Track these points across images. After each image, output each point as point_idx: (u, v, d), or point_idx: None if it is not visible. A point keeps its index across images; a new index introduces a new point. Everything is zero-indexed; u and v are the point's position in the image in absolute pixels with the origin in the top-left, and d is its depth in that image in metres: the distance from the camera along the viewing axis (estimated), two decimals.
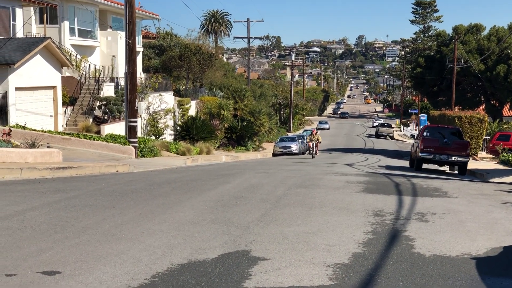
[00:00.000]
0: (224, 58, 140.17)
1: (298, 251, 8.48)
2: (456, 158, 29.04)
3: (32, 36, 37.95)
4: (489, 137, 50.14)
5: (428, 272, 7.59)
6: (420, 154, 29.44)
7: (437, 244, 9.14)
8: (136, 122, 29.23)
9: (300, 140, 56.35)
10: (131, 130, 28.89)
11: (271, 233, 9.55)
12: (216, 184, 16.64)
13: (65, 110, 37.28)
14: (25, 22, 35.93)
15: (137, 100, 41.41)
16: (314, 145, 44.71)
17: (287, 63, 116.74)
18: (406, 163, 36.09)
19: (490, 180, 24.76)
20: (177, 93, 55.45)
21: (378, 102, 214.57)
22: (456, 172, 30.88)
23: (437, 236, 9.75)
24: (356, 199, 13.90)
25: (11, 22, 35.11)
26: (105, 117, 38.76)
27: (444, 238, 9.57)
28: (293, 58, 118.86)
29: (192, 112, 53.41)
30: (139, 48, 52.93)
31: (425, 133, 31.02)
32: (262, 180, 18.30)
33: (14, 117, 30.74)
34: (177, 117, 50.42)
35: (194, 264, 7.73)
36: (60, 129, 35.05)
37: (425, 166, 31.30)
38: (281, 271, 7.45)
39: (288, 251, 8.45)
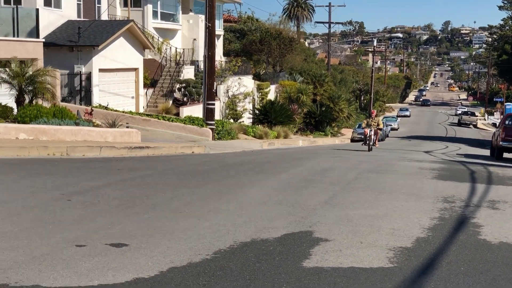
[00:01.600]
0: (306, 43, 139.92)
1: (362, 233, 8.51)
2: None
3: (116, 19, 38.87)
4: None
5: (491, 258, 7.50)
6: (501, 143, 28.70)
7: (505, 231, 8.99)
8: (213, 104, 29.60)
9: None
10: (208, 113, 29.28)
11: (336, 216, 9.60)
12: (288, 167, 16.76)
13: (146, 92, 38.07)
14: (109, 4, 36.78)
15: (216, 83, 41.95)
16: (372, 132, 29.09)
17: (369, 49, 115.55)
18: (487, 152, 35.27)
19: None
20: (256, 77, 55.74)
21: (463, 89, 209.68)
22: None
23: (507, 224, 9.58)
24: (427, 185, 13.76)
25: (96, 5, 36.00)
26: (185, 99, 39.37)
27: None
28: (375, 44, 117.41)
29: (271, 96, 53.60)
30: (220, 31, 53.45)
31: (507, 122, 30.21)
32: (335, 164, 18.32)
33: (97, 97, 31.61)
34: (256, 100, 50.73)
35: (257, 242, 7.87)
36: (141, 110, 35.84)
37: (506, 155, 30.52)
38: (341, 252, 7.51)
39: (351, 233, 8.49)
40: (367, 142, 28.85)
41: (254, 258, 7.14)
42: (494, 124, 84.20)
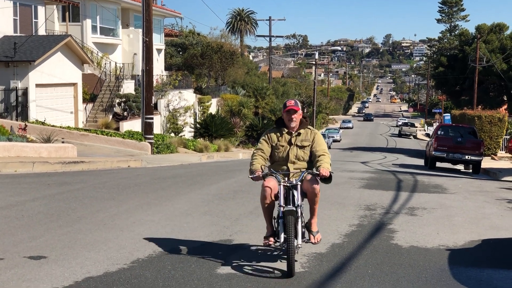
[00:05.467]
0: (251, 56, 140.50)
1: None
2: (469, 156, 29.07)
3: (54, 34, 38.61)
4: (509, 136, 49.91)
5: (399, 261, 7.86)
6: (433, 152, 29.52)
7: (418, 236, 9.39)
8: (152, 119, 29.66)
9: None
10: (147, 127, 29.33)
11: (259, 224, 9.85)
12: (220, 179, 16.99)
13: (85, 107, 37.84)
14: (46, 19, 36.54)
15: (156, 98, 42.03)
16: (297, 181, 7.84)
17: (313, 62, 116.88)
18: (422, 162, 36.16)
19: (502, 179, 24.79)
20: (198, 90, 55.89)
21: (404, 101, 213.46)
22: (471, 171, 30.91)
23: (420, 229, 9.99)
24: (353, 194, 14.15)
25: (33, 20, 35.71)
26: (125, 114, 39.27)
27: (427, 231, 9.81)
28: (317, 56, 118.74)
29: (213, 109, 53.81)
30: (161, 46, 53.48)
31: (439, 132, 31.10)
32: None
33: (34, 113, 31.33)
34: (197, 114, 50.87)
35: (175, 251, 8.07)
36: (80, 125, 35.62)
37: (439, 164, 31.35)
38: (257, 259, 7.76)
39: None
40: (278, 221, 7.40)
41: (170, 266, 7.34)
42: (428, 135, 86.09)
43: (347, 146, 65.22)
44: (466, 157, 29.13)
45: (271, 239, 7.50)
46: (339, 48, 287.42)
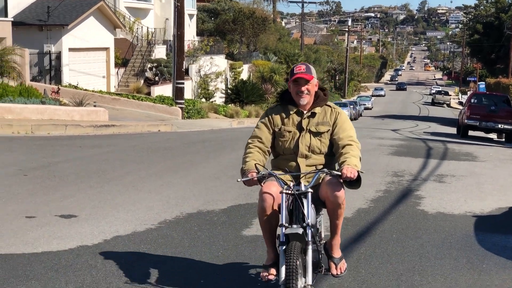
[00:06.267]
0: (283, 23, 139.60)
1: None
2: (502, 125, 28.73)
3: None
4: None
5: (425, 227, 7.88)
6: (466, 121, 29.23)
7: (445, 203, 9.38)
8: (183, 84, 29.75)
9: (352, 106, 56.19)
10: (178, 92, 29.45)
11: None
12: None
13: (117, 72, 38.05)
14: None
15: (188, 63, 42.09)
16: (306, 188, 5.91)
17: (346, 29, 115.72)
18: (455, 131, 35.87)
19: None
20: (230, 56, 55.83)
21: (438, 69, 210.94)
22: (503, 140, 30.58)
23: (448, 196, 9.98)
24: (381, 160, 14.13)
25: None
26: (156, 78, 39.43)
27: (454, 198, 9.80)
28: (350, 23, 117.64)
29: (244, 75, 53.76)
30: (193, 11, 53.41)
31: (472, 100, 30.75)
32: None
33: (67, 77, 31.61)
34: (228, 80, 50.88)
35: (202, 213, 8.19)
36: (112, 89, 35.87)
37: (472, 133, 31.04)
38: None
39: None
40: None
41: (196, 227, 7.47)
42: (461, 103, 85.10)
43: (379, 114, 64.83)
44: (499, 125, 28.80)
45: (272, 270, 5.07)
46: (372, 14, 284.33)
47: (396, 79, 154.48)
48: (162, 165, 12.18)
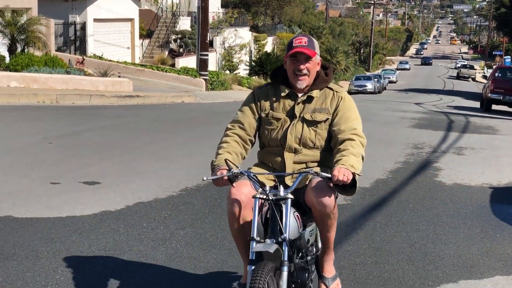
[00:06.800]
0: None
1: None
2: None
3: None
4: None
5: (441, 197, 7.99)
6: (489, 94, 29.05)
7: (462, 174, 9.46)
8: (207, 55, 29.88)
9: (376, 79, 55.93)
10: (202, 63, 29.60)
11: None
12: None
13: (142, 43, 38.24)
14: None
15: (212, 35, 42.10)
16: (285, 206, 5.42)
17: (371, 1, 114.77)
18: (478, 105, 35.68)
19: None
20: (254, 28, 55.73)
21: (464, 43, 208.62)
22: None
23: (466, 168, 10.06)
24: (402, 133, 14.22)
25: None
26: (180, 50, 39.56)
27: (472, 170, 9.88)
28: None
29: (268, 48, 53.69)
30: None
31: (496, 74, 30.51)
32: None
33: (92, 47, 31.85)
34: (252, 52, 50.86)
35: None
36: (137, 61, 36.07)
37: (495, 107, 30.87)
38: None
39: None
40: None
41: (216, 194, 7.64)
42: (486, 77, 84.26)
43: (403, 87, 64.49)
44: None
45: None
46: None
47: (422, 52, 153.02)
48: (185, 135, 12.36)
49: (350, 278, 5.06)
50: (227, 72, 42.09)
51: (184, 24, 41.72)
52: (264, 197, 3.68)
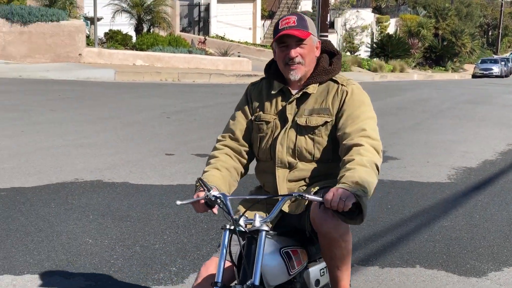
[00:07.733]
0: None
1: (432, 155, 9.01)
2: None
3: None
4: None
5: None
6: None
7: None
8: (327, 36, 29.86)
9: (503, 63, 54.11)
10: None
11: (415, 139, 10.12)
12: (385, 96, 17.17)
13: (263, 24, 38.77)
14: None
15: (333, 16, 42.07)
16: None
17: None
18: None
19: None
20: (377, 10, 55.11)
21: None
22: None
23: None
24: None
25: None
26: None
27: None
28: None
29: (390, 30, 52.99)
30: None
31: None
32: (433, 95, 18.52)
33: (215, 28, 32.67)
34: (374, 34, 50.39)
35: None
36: (258, 41, 36.65)
37: None
38: (405, 168, 8.08)
39: (422, 154, 9.01)
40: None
41: None
42: None
43: None
44: None
45: None
46: None
47: None
48: None
49: (444, 251, 5.16)
50: (348, 53, 41.95)
51: (306, 5, 41.95)
52: (232, 228, 2.70)
